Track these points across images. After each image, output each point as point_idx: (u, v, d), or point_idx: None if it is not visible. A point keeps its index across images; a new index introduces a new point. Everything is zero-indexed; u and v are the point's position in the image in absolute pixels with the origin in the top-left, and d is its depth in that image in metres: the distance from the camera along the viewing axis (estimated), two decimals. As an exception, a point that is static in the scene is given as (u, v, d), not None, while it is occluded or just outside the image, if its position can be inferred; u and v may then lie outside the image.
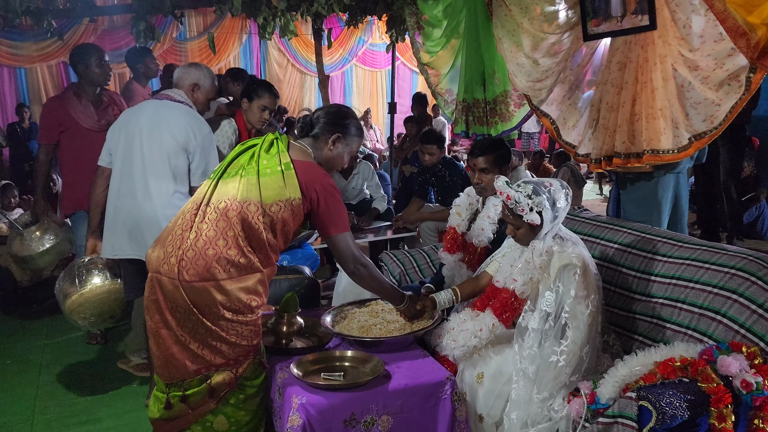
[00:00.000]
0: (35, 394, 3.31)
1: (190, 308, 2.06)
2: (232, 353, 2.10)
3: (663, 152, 2.60)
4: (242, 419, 2.19)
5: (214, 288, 2.06)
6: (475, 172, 2.88)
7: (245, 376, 2.16)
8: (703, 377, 1.91)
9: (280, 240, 2.21)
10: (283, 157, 2.20)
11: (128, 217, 2.95)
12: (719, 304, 2.19)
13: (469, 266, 2.94)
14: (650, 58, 2.58)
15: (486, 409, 2.32)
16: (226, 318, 2.08)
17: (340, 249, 2.31)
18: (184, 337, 2.09)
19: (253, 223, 2.11)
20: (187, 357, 2.09)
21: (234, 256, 2.08)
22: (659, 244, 2.52)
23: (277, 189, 2.15)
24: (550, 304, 2.18)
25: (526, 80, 3.16)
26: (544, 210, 2.21)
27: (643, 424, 1.83)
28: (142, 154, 2.95)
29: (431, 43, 4.15)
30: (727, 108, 2.38)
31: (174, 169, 2.95)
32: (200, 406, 2.14)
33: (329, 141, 2.32)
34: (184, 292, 2.05)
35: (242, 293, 2.09)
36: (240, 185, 2.16)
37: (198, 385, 2.11)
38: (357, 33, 12.41)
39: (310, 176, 2.21)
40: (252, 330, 2.13)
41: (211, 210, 2.15)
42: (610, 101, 2.75)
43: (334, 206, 2.26)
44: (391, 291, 2.48)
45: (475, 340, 2.34)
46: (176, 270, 2.07)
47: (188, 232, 2.13)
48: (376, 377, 2.14)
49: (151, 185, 2.93)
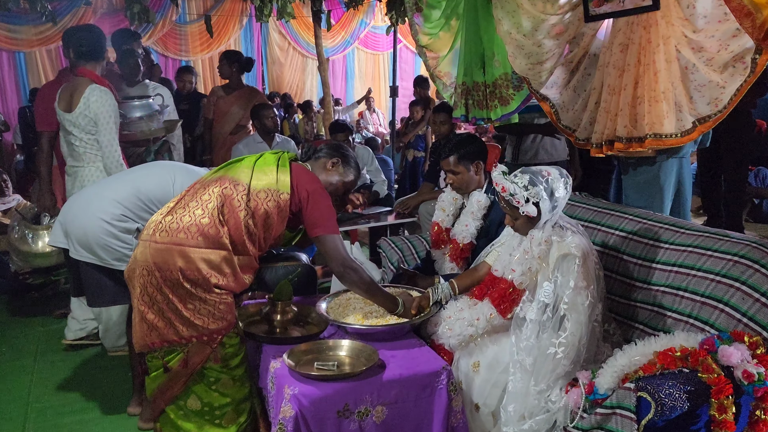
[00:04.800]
0: (30, 381, 3.29)
1: (152, 271, 2.12)
2: (185, 331, 2.12)
3: (666, 136, 2.53)
4: (215, 401, 2.20)
5: (178, 253, 2.12)
6: (446, 173, 2.87)
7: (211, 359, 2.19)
8: (703, 367, 1.86)
9: (260, 231, 2.23)
10: (282, 160, 2.33)
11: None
12: (721, 293, 2.14)
13: (453, 261, 2.91)
14: (653, 40, 2.51)
15: (482, 398, 2.29)
16: (185, 288, 2.10)
17: (328, 250, 2.31)
18: (143, 307, 2.14)
19: (235, 201, 2.19)
20: (145, 328, 2.16)
21: (205, 225, 2.15)
22: (661, 230, 2.47)
23: (268, 180, 2.25)
24: (549, 294, 2.13)
25: (525, 62, 3.08)
26: (541, 201, 2.15)
27: (641, 415, 1.80)
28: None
29: (430, 25, 4.07)
30: (732, 90, 2.31)
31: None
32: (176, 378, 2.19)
33: (329, 163, 2.47)
34: (152, 253, 2.13)
35: (203, 264, 2.13)
36: (233, 169, 2.31)
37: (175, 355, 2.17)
38: (359, 15, 12.30)
39: (304, 178, 2.32)
40: (210, 311, 2.13)
41: (199, 185, 2.28)
42: (611, 84, 2.68)
43: (323, 207, 2.31)
44: (384, 298, 2.43)
45: (472, 329, 2.30)
46: (150, 231, 2.18)
47: (172, 203, 2.29)
48: (371, 367, 2.11)
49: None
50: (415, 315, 2.43)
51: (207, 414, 2.21)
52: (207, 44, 11.33)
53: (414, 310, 2.43)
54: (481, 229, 2.84)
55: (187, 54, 11.27)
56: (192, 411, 2.21)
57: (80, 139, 3.30)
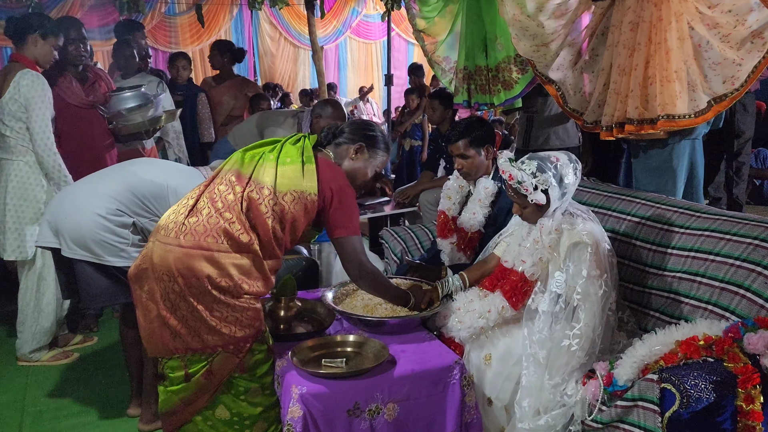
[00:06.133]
0: (26, 384, 3.20)
1: (174, 278, 1.95)
2: (211, 340, 1.98)
3: (679, 117, 2.45)
4: (244, 411, 2.08)
5: (206, 259, 1.95)
6: (455, 158, 2.77)
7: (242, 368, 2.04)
8: (729, 356, 1.79)
9: (287, 236, 2.10)
10: (306, 150, 2.15)
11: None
12: (742, 278, 2.07)
13: (460, 250, 2.82)
14: (664, 17, 2.42)
15: (495, 392, 2.22)
16: (213, 295, 1.95)
17: (347, 252, 2.19)
18: (165, 312, 1.98)
19: (261, 206, 2.02)
20: (167, 334, 2.00)
21: (236, 231, 1.99)
22: (675, 215, 2.39)
23: (294, 179, 2.08)
24: (561, 285, 2.05)
25: (530, 44, 2.99)
26: (550, 188, 2.07)
27: (666, 407, 1.73)
28: None
29: (427, 9, 3.97)
30: (749, 68, 2.23)
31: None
32: (199, 391, 2.04)
33: (351, 150, 2.27)
34: (175, 259, 1.95)
35: (234, 269, 1.97)
36: (256, 167, 2.10)
37: (199, 362, 2.01)
38: (351, 3, 12.16)
39: (329, 174, 2.15)
40: (237, 318, 1.99)
41: (221, 181, 2.09)
42: (621, 64, 2.59)
43: (347, 207, 2.16)
44: (396, 295, 2.35)
45: (482, 321, 2.22)
46: (173, 234, 1.99)
47: (192, 200, 2.08)
48: (381, 363, 2.02)
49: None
50: (425, 308, 2.35)
51: (237, 424, 2.08)
52: (197, 36, 11.17)
53: (424, 305, 2.35)
54: (489, 217, 2.76)
55: (178, 46, 11.07)
56: (220, 421, 2.09)
57: (11, 128, 3.19)
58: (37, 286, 3.33)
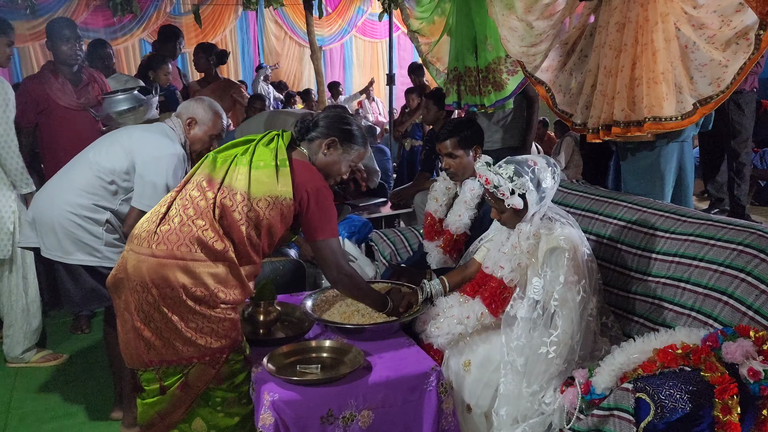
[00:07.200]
0: (12, 386, 3.20)
1: (148, 288, 1.90)
2: (186, 351, 1.93)
3: (666, 119, 2.40)
4: (221, 423, 2.03)
5: (180, 269, 1.89)
6: (443, 157, 2.74)
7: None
8: (706, 366, 1.75)
9: (264, 241, 2.05)
10: (280, 152, 2.07)
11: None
12: (725, 284, 2.03)
13: (446, 253, 2.79)
14: (651, 18, 2.37)
15: (474, 398, 2.19)
16: (187, 305, 1.90)
17: (325, 256, 2.16)
18: (139, 324, 1.94)
19: (235, 213, 1.96)
20: (142, 345, 1.95)
21: (210, 239, 1.93)
22: (661, 219, 2.35)
23: (269, 184, 2.01)
24: (538, 291, 2.02)
25: (519, 45, 2.95)
26: (527, 192, 2.05)
27: (640, 417, 1.70)
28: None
29: (421, 9, 3.94)
30: (735, 69, 2.18)
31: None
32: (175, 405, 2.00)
33: (323, 145, 2.18)
34: (148, 269, 1.90)
35: (210, 278, 1.92)
36: (228, 171, 2.03)
37: (174, 374, 1.97)
38: (356, 2, 12.11)
39: (304, 176, 2.08)
40: (213, 329, 1.94)
41: (193, 187, 2.02)
42: (608, 66, 2.55)
43: (324, 210, 2.11)
44: (374, 298, 2.31)
45: (461, 327, 2.20)
46: (146, 244, 1.94)
47: (164, 207, 2.01)
48: (356, 369, 2.00)
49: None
50: (403, 313, 2.32)
51: None
52: (202, 35, 11.14)
53: (403, 308, 2.32)
54: (475, 219, 2.73)
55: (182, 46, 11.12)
56: None
57: None
58: (21, 286, 3.32)
